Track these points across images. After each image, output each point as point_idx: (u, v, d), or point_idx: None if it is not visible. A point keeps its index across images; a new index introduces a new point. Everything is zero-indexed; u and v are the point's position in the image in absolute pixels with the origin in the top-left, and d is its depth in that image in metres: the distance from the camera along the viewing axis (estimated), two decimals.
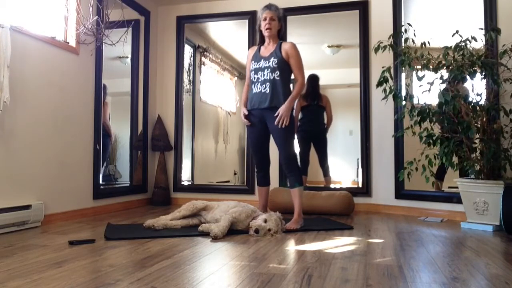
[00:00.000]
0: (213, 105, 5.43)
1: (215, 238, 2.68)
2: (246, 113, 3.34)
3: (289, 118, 3.15)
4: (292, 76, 3.32)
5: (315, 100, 4.69)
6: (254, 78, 3.28)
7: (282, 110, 3.14)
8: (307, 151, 4.73)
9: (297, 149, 3.47)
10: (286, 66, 3.22)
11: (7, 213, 2.82)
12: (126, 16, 3.97)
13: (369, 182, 4.30)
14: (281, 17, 3.31)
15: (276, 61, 3.19)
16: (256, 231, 2.80)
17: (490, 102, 3.34)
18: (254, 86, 3.28)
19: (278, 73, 3.19)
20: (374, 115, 4.31)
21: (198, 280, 1.81)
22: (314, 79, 4.68)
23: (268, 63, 3.22)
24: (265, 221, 2.86)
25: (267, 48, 3.30)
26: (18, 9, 3.04)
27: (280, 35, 3.35)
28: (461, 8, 3.93)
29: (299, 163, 3.36)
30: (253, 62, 3.32)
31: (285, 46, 3.24)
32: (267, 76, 3.21)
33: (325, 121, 4.73)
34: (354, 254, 2.32)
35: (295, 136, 3.40)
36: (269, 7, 3.28)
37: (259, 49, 3.35)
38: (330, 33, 4.84)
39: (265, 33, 3.27)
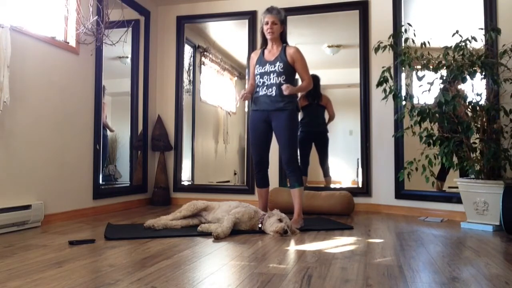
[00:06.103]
0: (213, 105, 5.43)
1: (217, 239, 2.69)
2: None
3: (289, 91, 3.15)
4: (297, 76, 3.37)
5: (315, 100, 4.70)
6: (260, 82, 3.30)
7: (289, 87, 3.15)
8: (308, 152, 4.72)
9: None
10: (291, 70, 3.26)
11: (7, 213, 2.82)
12: (126, 16, 3.97)
13: (369, 182, 4.30)
14: (283, 20, 3.32)
15: (282, 66, 3.23)
16: (286, 232, 2.81)
17: (490, 102, 3.34)
18: (260, 90, 3.30)
19: (284, 77, 3.23)
20: (374, 115, 4.31)
21: (198, 280, 1.81)
22: (315, 79, 4.68)
23: (274, 67, 3.25)
24: (281, 220, 2.86)
25: (271, 52, 3.32)
26: (18, 9, 3.04)
27: (283, 38, 3.36)
28: (461, 8, 3.92)
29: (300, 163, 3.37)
30: (257, 66, 3.34)
31: (289, 51, 3.26)
32: (273, 80, 3.24)
33: (326, 121, 4.73)
34: (354, 254, 2.32)
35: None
36: (270, 10, 3.28)
37: (262, 52, 3.36)
38: (330, 33, 4.84)
39: (268, 36, 3.30)
